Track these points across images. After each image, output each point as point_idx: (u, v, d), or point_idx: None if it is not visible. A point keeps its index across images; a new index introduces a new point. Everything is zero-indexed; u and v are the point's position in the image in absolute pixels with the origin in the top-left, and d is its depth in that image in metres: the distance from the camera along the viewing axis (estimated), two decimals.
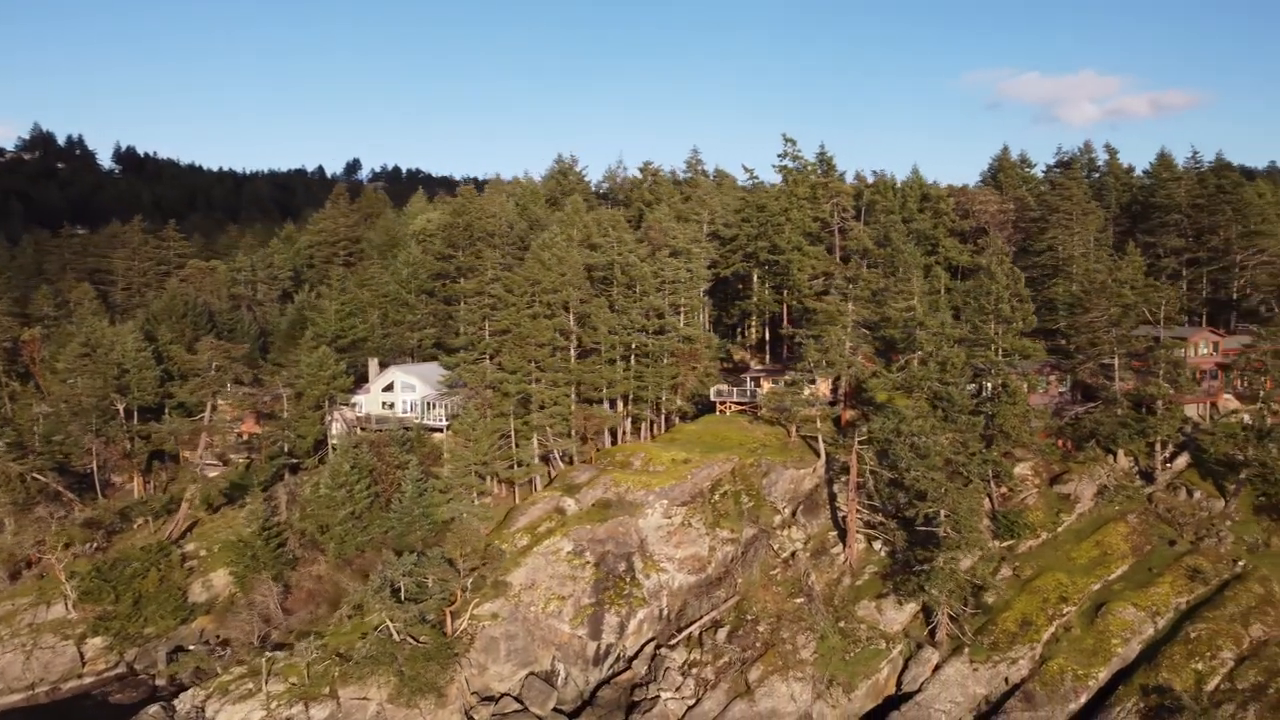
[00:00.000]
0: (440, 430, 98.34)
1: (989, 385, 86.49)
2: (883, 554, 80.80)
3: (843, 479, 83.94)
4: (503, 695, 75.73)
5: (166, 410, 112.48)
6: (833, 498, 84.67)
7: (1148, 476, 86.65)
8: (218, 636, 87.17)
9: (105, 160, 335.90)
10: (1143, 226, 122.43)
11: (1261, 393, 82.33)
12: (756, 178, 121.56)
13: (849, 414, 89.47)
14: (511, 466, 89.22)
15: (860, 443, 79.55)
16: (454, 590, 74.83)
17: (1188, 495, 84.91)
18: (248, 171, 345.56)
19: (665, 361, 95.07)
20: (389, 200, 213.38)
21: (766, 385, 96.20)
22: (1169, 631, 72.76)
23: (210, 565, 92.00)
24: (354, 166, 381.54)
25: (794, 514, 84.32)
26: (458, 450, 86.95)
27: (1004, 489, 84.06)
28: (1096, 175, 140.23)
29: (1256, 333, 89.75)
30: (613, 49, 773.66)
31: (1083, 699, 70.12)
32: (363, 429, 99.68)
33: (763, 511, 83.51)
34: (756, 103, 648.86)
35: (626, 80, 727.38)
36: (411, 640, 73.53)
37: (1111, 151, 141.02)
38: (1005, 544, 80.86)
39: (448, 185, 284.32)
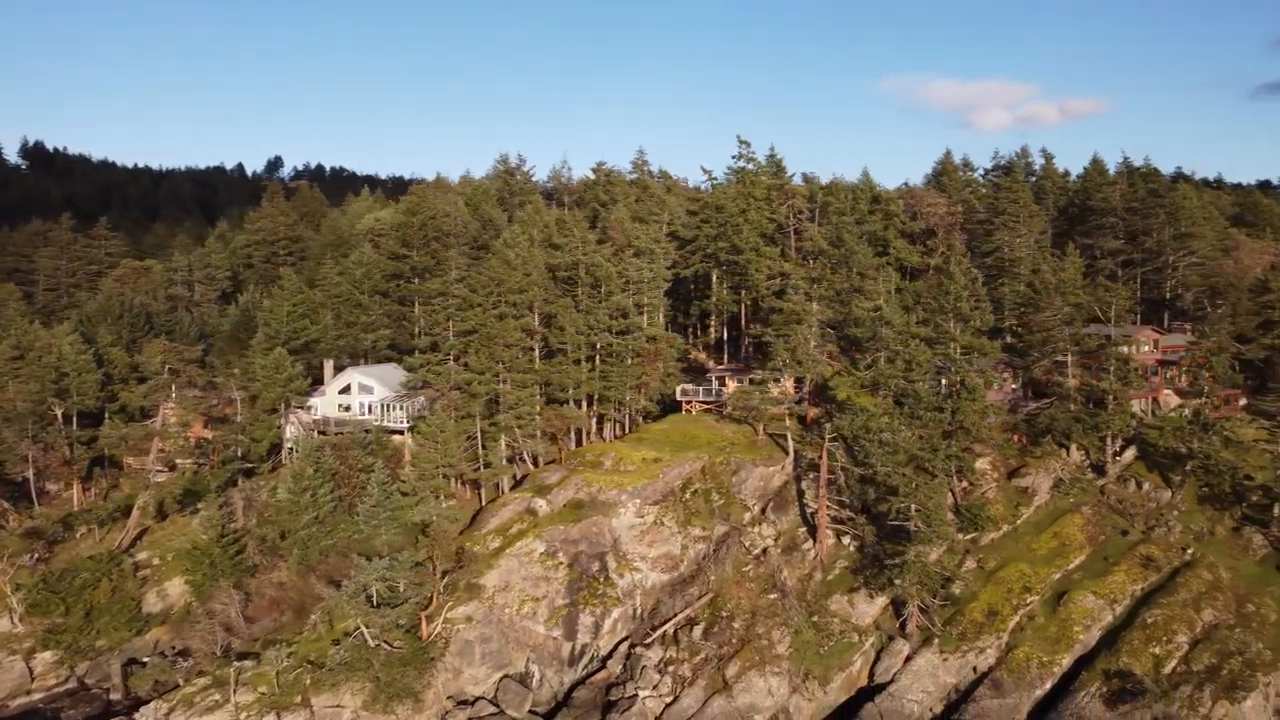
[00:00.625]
0: (401, 432, 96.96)
1: (944, 382, 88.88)
2: (852, 548, 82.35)
3: (811, 476, 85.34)
4: (477, 699, 75.04)
5: (107, 415, 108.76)
6: (801, 494, 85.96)
7: (1099, 469, 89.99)
8: (173, 647, 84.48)
9: (11, 155, 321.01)
10: (1080, 229, 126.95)
11: (1205, 388, 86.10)
12: (715, 179, 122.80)
13: (813, 411, 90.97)
14: (478, 468, 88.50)
15: (830, 440, 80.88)
16: (430, 593, 73.95)
17: (1137, 487, 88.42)
18: (164, 168, 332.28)
19: (630, 361, 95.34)
20: (325, 199, 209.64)
21: (732, 384, 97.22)
22: (1127, 618, 75.63)
23: (164, 574, 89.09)
24: (276, 164, 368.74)
25: (764, 511, 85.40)
26: (424, 452, 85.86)
27: (965, 483, 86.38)
28: (1033, 179, 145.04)
29: (1200, 330, 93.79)
30: (536, 50, 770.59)
31: (1048, 685, 72.44)
32: (321, 432, 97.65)
33: (733, 509, 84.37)
34: (658, 103, 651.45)
35: (551, 80, 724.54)
36: (386, 645, 72.43)
37: (1048, 156, 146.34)
38: (969, 537, 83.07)
39: (375, 183, 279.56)
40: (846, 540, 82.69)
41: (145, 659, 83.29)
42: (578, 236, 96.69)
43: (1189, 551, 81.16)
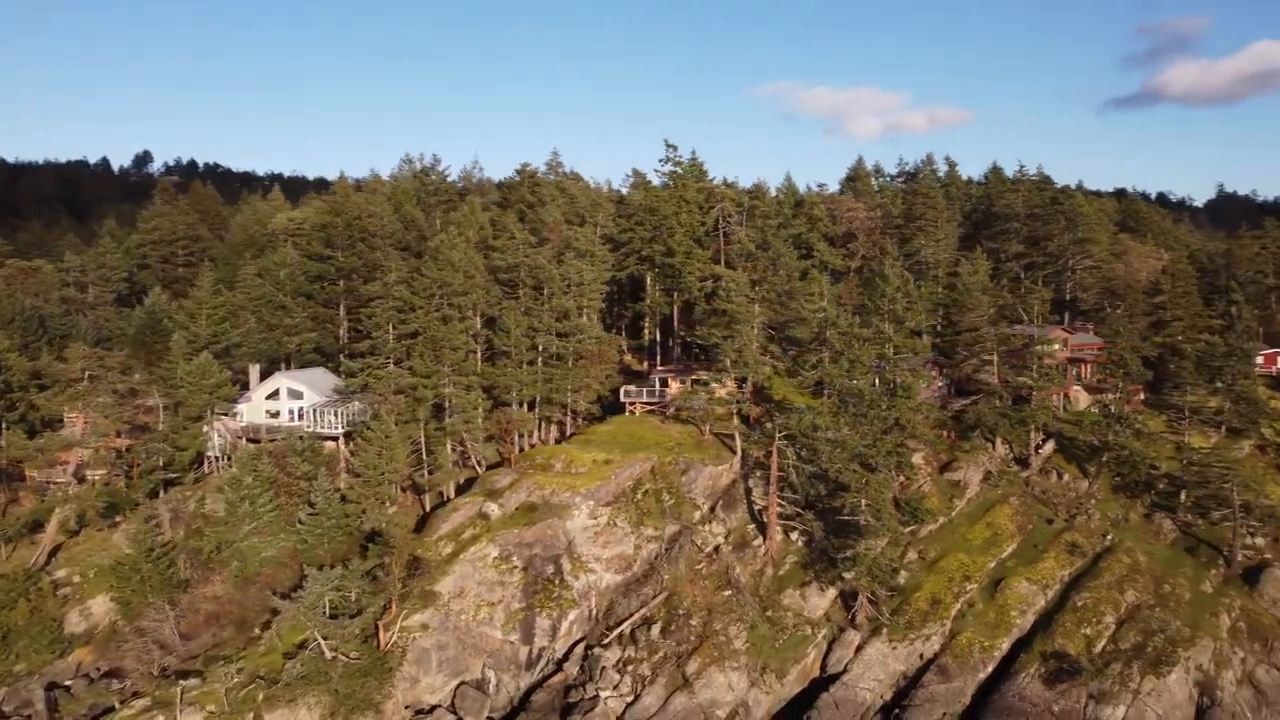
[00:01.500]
0: (335, 438, 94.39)
1: (878, 380, 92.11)
2: (800, 544, 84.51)
3: (758, 474, 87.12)
4: (435, 707, 73.97)
5: (5, 425, 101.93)
6: (749, 492, 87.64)
7: (1022, 462, 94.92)
8: (99, 669, 79.99)
9: None
10: (985, 233, 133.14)
11: (1120, 384, 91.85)
12: (649, 182, 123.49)
13: (755, 411, 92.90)
14: (424, 473, 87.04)
15: (780, 439, 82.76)
16: (388, 601, 72.43)
17: (1058, 478, 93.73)
18: (20, 161, 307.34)
19: (572, 364, 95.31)
20: (220, 197, 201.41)
21: (675, 385, 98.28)
22: (1058, 602, 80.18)
23: (87, 592, 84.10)
24: (144, 159, 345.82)
25: (713, 509, 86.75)
26: (367, 458, 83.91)
27: (903, 478, 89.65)
28: (939, 185, 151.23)
29: (1113, 329, 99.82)
30: (422, 50, 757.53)
31: (990, 668, 76.19)
32: (251, 439, 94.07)
33: (683, 508, 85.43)
34: (530, 105, 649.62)
35: (434, 80, 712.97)
36: (344, 657, 70.55)
37: (951, 164, 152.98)
38: (909, 529, 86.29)
39: (253, 180, 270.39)
40: (795, 536, 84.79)
41: (68, 682, 78.73)
42: (519, 239, 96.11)
43: (1108, 537, 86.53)
